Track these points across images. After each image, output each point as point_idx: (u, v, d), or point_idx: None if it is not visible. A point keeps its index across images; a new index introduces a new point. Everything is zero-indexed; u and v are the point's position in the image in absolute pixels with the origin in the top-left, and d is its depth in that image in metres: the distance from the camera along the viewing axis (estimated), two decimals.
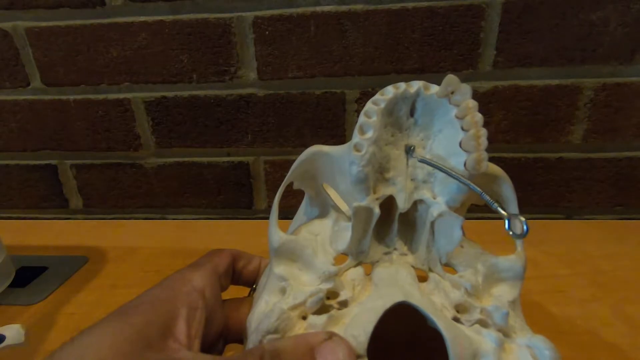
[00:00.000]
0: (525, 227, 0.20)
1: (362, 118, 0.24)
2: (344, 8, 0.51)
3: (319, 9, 0.51)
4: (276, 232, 0.25)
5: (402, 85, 0.24)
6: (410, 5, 0.50)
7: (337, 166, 0.25)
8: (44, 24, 0.55)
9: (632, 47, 0.50)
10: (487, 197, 0.21)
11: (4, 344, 0.31)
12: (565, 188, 0.57)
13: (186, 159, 0.61)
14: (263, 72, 0.55)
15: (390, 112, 0.24)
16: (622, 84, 0.51)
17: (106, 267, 0.50)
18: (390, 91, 0.24)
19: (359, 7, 0.50)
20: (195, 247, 0.27)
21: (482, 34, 0.51)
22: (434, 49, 0.51)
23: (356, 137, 0.23)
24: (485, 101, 0.53)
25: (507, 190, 0.25)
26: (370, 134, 0.23)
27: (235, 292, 0.28)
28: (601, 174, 0.56)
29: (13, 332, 0.31)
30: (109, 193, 0.64)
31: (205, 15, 0.53)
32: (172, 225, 0.61)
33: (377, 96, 0.24)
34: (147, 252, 0.53)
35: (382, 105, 0.24)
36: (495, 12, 0.50)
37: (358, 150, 0.23)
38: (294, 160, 0.26)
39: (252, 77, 0.55)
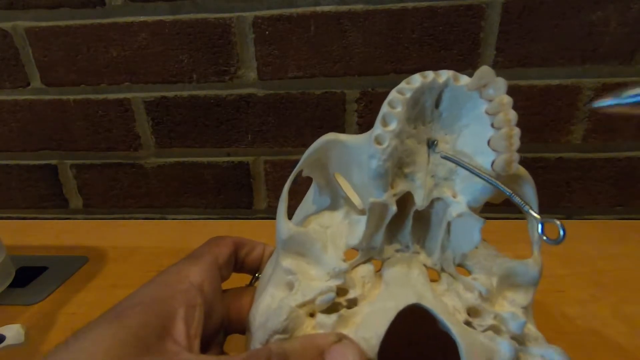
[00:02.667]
0: (562, 232, 0.18)
1: (385, 108, 0.22)
2: (344, 8, 0.51)
3: (319, 9, 0.51)
4: (285, 223, 0.23)
5: (431, 74, 0.22)
6: (410, 5, 0.50)
7: (354, 157, 0.23)
8: (44, 24, 0.55)
9: (632, 47, 0.50)
10: (519, 200, 0.20)
11: (4, 344, 0.31)
12: (565, 188, 0.57)
13: (186, 159, 0.61)
14: (263, 72, 0.55)
15: (415, 102, 0.22)
16: (622, 84, 0.51)
17: (106, 267, 0.50)
18: (417, 80, 0.22)
19: (359, 7, 0.50)
20: (195, 248, 0.27)
21: (482, 34, 0.50)
22: (434, 49, 0.51)
23: (378, 129, 0.22)
24: None
25: (529, 191, 0.23)
26: (393, 126, 0.21)
27: (237, 278, 0.27)
28: (601, 174, 0.56)
29: (13, 332, 0.31)
30: (109, 193, 0.64)
31: (205, 15, 0.53)
32: (172, 225, 0.61)
33: (402, 85, 0.22)
34: (147, 252, 0.53)
35: (408, 94, 0.22)
36: (495, 12, 0.50)
37: (379, 143, 0.22)
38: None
39: (252, 77, 0.55)
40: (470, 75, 0.22)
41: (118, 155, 0.61)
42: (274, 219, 0.24)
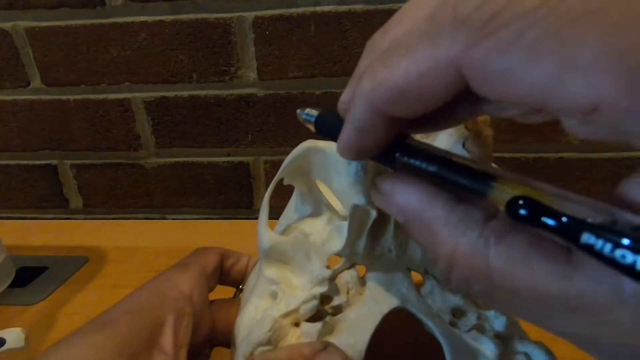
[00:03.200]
0: None
1: None
2: (344, 8, 0.51)
3: (319, 9, 0.51)
4: (266, 232, 0.24)
5: None
6: None
7: (333, 163, 0.23)
8: (44, 24, 0.55)
9: None
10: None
11: (4, 348, 0.30)
12: (565, 188, 0.57)
13: (186, 159, 0.61)
14: (263, 72, 0.55)
15: None
16: None
17: (106, 267, 0.50)
18: None
19: (359, 7, 0.50)
20: (195, 247, 0.27)
21: None
22: None
23: None
24: None
25: None
26: None
27: (221, 290, 0.27)
28: (601, 174, 0.56)
29: (13, 336, 0.31)
30: (109, 193, 0.64)
31: (205, 15, 0.53)
32: (172, 225, 0.61)
33: None
34: (147, 252, 0.53)
35: None
36: None
37: None
38: None
39: (252, 77, 0.55)
40: None
41: (118, 155, 0.61)
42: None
